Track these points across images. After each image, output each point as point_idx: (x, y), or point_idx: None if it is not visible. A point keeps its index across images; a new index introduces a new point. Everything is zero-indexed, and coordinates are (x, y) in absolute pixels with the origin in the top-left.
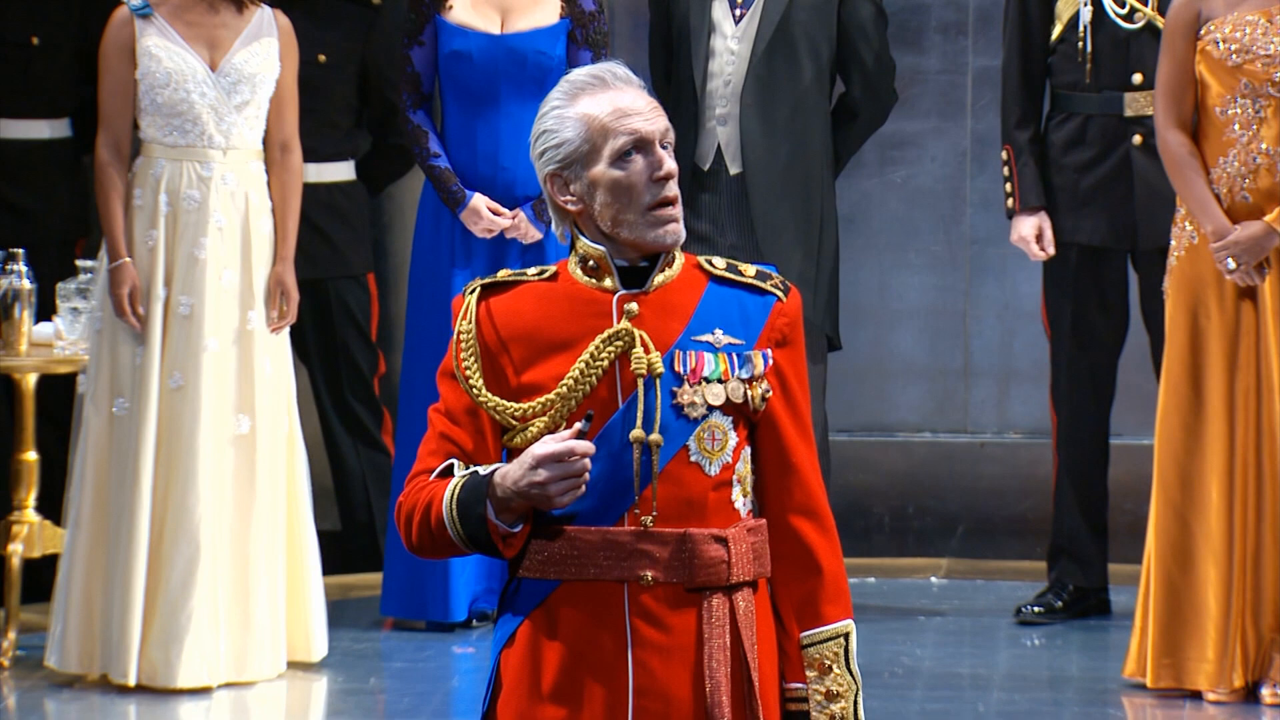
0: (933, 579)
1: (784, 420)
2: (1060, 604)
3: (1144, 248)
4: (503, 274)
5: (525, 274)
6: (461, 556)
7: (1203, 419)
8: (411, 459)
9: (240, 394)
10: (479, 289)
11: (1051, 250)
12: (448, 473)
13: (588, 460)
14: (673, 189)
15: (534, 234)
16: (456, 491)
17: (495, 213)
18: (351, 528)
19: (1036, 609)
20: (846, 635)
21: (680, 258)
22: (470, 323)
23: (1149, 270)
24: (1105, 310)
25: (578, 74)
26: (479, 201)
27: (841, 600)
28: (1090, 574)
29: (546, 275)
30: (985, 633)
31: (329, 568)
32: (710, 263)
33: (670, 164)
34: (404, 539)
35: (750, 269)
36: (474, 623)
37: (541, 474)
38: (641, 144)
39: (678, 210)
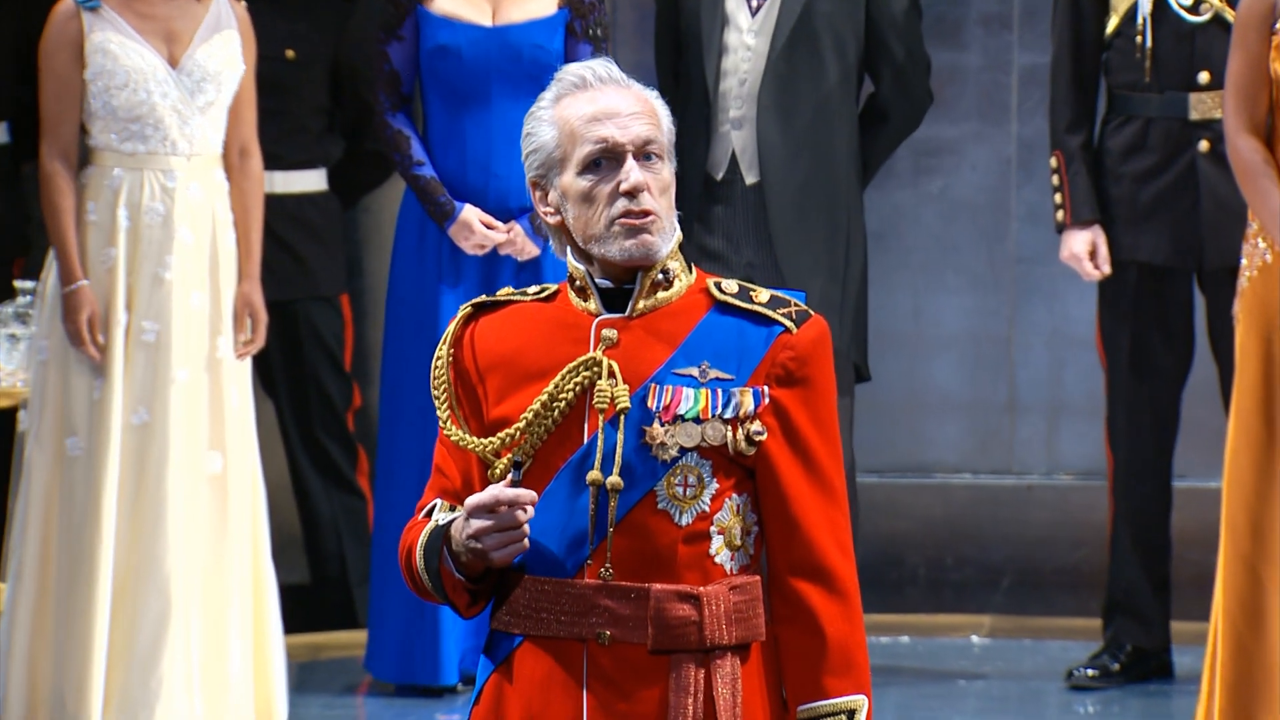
0: (974, 638)
1: (785, 468)
2: (1117, 666)
3: (1211, 267)
4: (503, 293)
5: (525, 293)
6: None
7: (1277, 459)
8: (391, 504)
9: (212, 429)
10: (470, 310)
11: (1107, 269)
12: (431, 514)
13: (522, 512)
14: (642, 203)
15: (531, 249)
16: (424, 540)
17: (488, 227)
18: (322, 581)
19: (1090, 672)
20: (852, 713)
21: (685, 279)
22: (447, 347)
23: (1217, 292)
24: (1168, 337)
25: (566, 71)
26: (470, 214)
27: (851, 673)
28: (1150, 633)
29: (545, 295)
30: (1033, 699)
31: (297, 625)
32: (720, 286)
33: (636, 176)
34: (408, 584)
35: (764, 294)
36: (459, 687)
37: (474, 525)
38: (610, 153)
39: (650, 221)
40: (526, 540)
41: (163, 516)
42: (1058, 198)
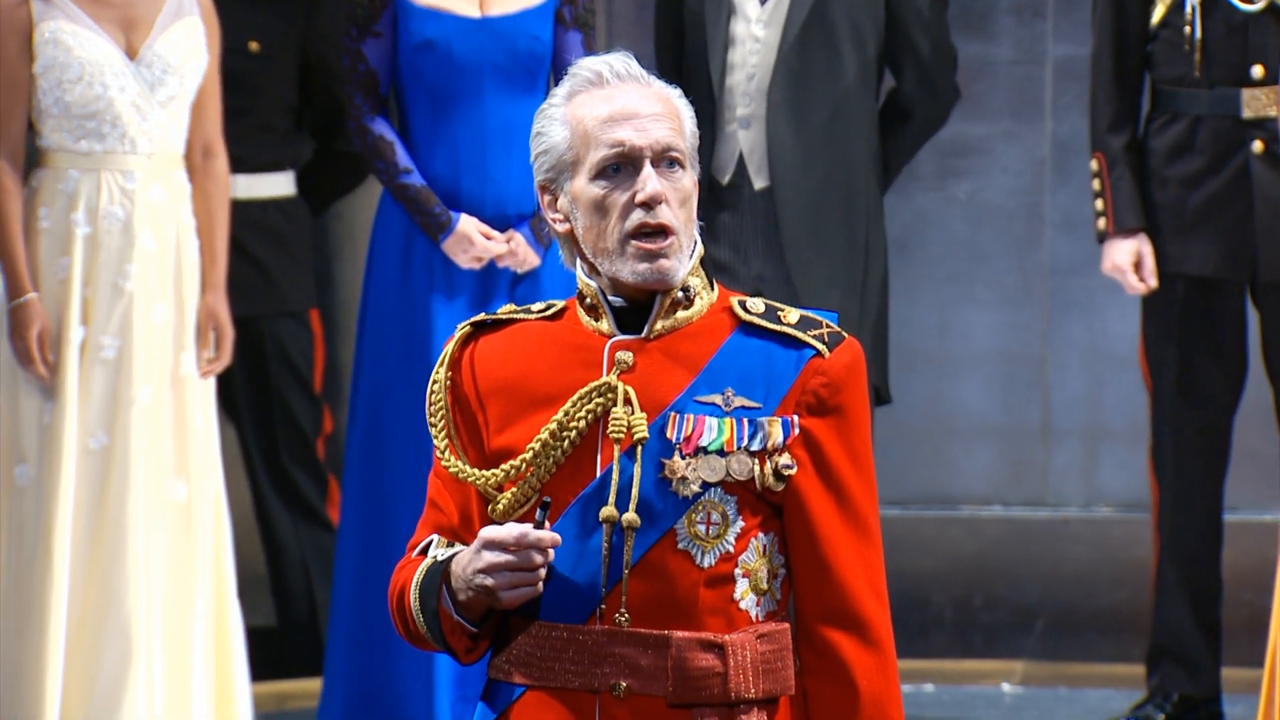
0: (1005, 686)
1: (816, 505)
2: (1162, 717)
3: (1266, 279)
4: (505, 310)
5: (529, 311)
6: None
7: None
8: (356, 539)
9: (176, 454)
10: (470, 328)
11: (1153, 282)
12: (427, 550)
13: (541, 555)
14: (661, 216)
15: (532, 259)
16: (420, 578)
17: (487, 238)
18: (289, 623)
19: None
20: None
21: (707, 296)
22: (445, 370)
23: (1272, 307)
24: (1218, 356)
25: (581, 66)
26: (468, 225)
27: None
28: (1199, 680)
29: (551, 313)
30: None
31: (262, 672)
32: (744, 305)
33: (654, 186)
34: (398, 631)
35: (793, 314)
36: None
37: (485, 559)
38: (627, 158)
39: (668, 243)
40: (541, 585)
41: (123, 550)
42: (1099, 204)
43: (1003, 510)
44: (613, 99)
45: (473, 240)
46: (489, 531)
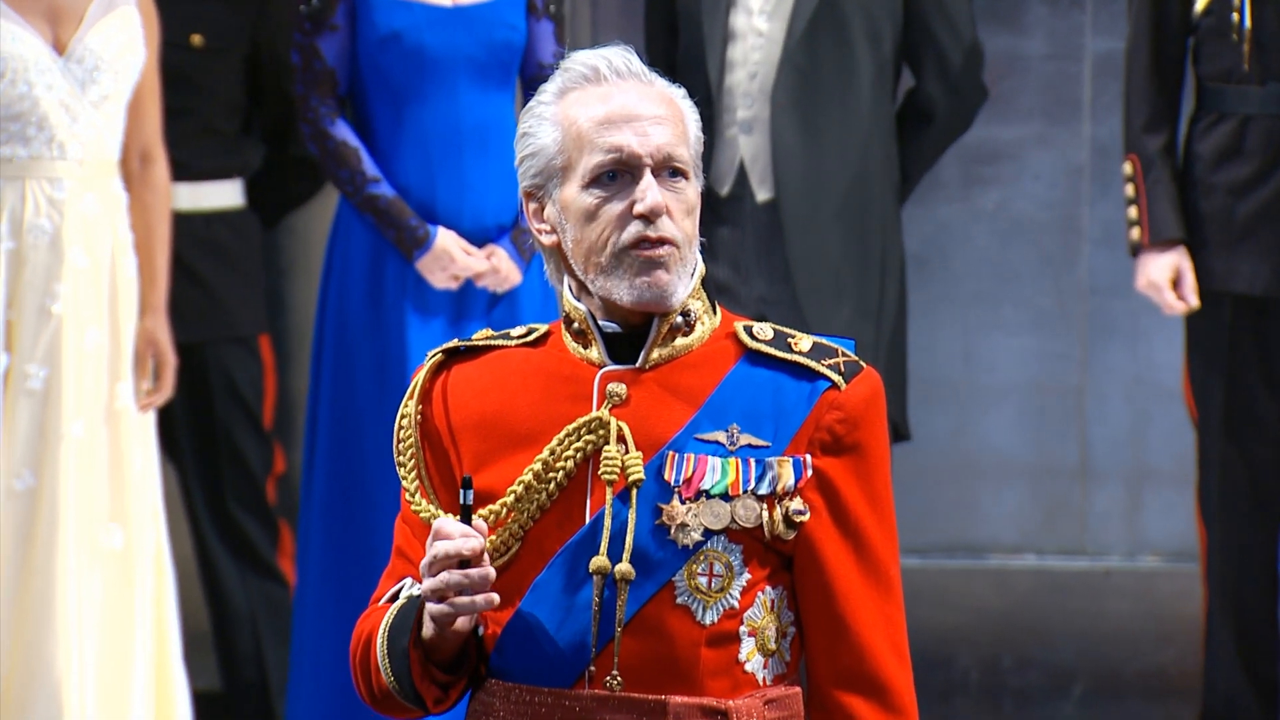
0: None
1: (832, 555)
2: None
3: None
4: (480, 335)
5: (508, 335)
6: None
7: None
8: (319, 596)
9: (112, 496)
10: (441, 357)
11: (1193, 301)
12: (397, 598)
13: (460, 553)
14: (662, 229)
15: (514, 277)
16: (390, 618)
17: (466, 254)
18: (236, 687)
19: None
20: None
21: (709, 322)
22: (415, 403)
23: None
24: (1271, 386)
25: (575, 60)
26: (448, 240)
27: None
28: None
29: (533, 339)
30: None
31: None
32: (751, 331)
33: (655, 196)
34: (359, 693)
35: (806, 341)
36: None
37: (426, 583)
38: (624, 165)
39: (668, 254)
40: (494, 595)
41: (52, 605)
42: (1133, 212)
43: (1035, 560)
44: (610, 98)
45: (453, 257)
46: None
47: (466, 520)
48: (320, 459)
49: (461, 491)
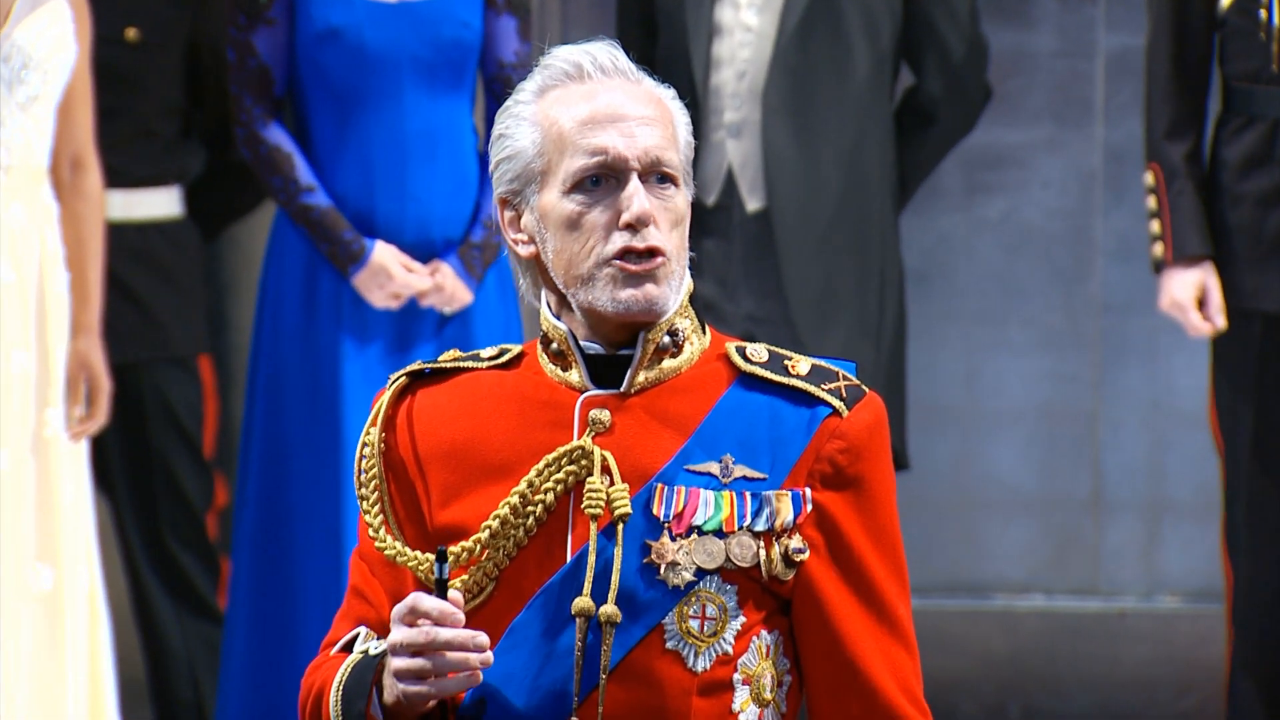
0: None
1: (833, 597)
2: None
3: None
4: (448, 357)
5: (478, 357)
6: None
7: None
8: (248, 635)
9: (40, 533)
10: (405, 380)
11: (1220, 321)
12: (351, 647)
13: (445, 633)
14: (650, 238)
15: (462, 296)
16: (343, 677)
17: (408, 270)
18: None
19: None
20: None
21: (698, 342)
22: (378, 431)
23: None
24: None
25: (556, 56)
26: (386, 255)
27: None
28: None
29: (505, 360)
30: None
31: None
32: (744, 353)
33: (642, 203)
34: None
35: (804, 364)
36: None
37: (397, 661)
38: (610, 169)
39: (658, 266)
40: (479, 676)
41: None
42: (1155, 226)
43: (1044, 601)
44: (594, 97)
45: (391, 274)
46: (399, 608)
47: (442, 595)
48: (251, 491)
49: (436, 565)
